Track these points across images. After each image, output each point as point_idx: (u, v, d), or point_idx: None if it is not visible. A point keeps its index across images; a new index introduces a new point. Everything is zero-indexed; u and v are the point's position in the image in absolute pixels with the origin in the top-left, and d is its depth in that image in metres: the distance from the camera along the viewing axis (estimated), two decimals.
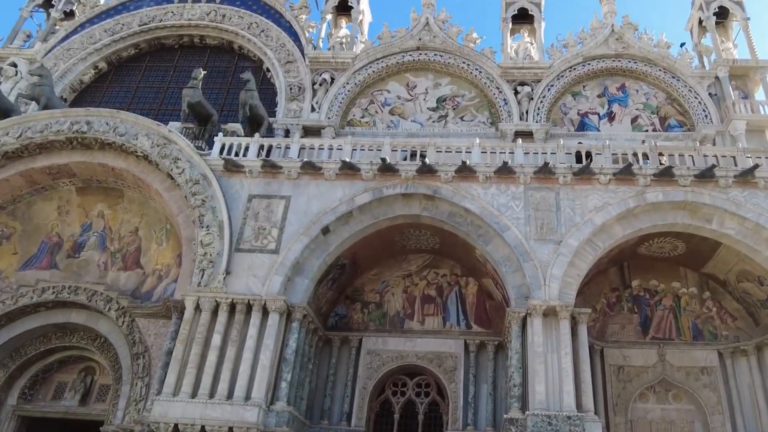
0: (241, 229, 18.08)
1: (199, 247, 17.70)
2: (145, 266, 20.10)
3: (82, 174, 20.81)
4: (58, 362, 19.92)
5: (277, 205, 18.43)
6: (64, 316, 19.39)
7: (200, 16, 26.70)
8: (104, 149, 20.35)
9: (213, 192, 18.50)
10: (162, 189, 19.57)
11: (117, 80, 26.79)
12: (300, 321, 17.13)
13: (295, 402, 16.60)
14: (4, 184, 20.57)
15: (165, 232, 20.30)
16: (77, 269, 20.20)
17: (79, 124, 20.23)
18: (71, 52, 26.24)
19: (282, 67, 24.74)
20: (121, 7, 27.43)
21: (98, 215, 21.01)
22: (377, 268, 20.35)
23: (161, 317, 18.23)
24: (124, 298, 19.01)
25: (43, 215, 21.02)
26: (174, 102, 25.04)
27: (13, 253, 20.61)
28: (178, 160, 19.22)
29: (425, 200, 18.36)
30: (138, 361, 17.64)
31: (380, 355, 18.87)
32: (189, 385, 15.76)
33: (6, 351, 19.30)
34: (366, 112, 24.06)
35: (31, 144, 20.27)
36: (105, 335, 18.88)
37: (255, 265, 17.42)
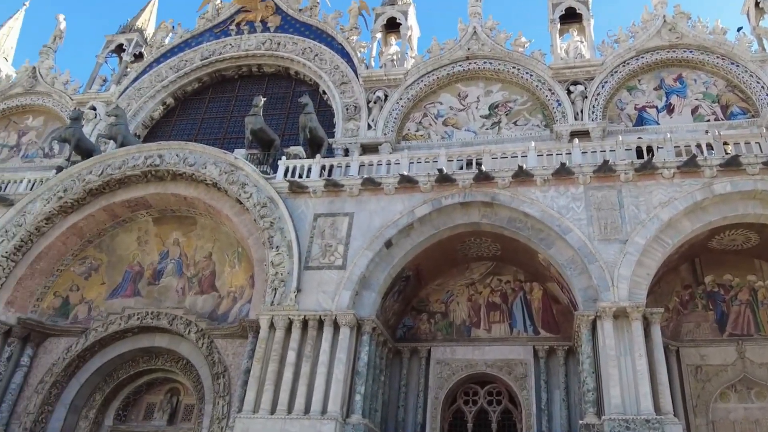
0: (309, 247, 18.19)
1: (270, 267, 17.90)
2: (220, 289, 20.46)
3: (158, 205, 21.41)
4: (146, 384, 20.52)
5: (341, 223, 18.47)
6: (149, 340, 19.96)
7: (256, 46, 27.14)
8: (176, 180, 20.90)
9: (280, 213, 18.71)
10: (232, 214, 19.92)
11: (184, 114, 27.53)
12: (370, 334, 17.03)
13: (369, 414, 16.46)
14: (90, 219, 21.38)
15: (237, 255, 20.60)
16: (158, 295, 20.77)
17: (152, 158, 20.88)
18: (141, 91, 27.16)
19: (337, 88, 24.84)
20: (183, 44, 28.24)
21: (174, 243, 21.55)
22: (441, 278, 20.03)
23: (238, 337, 18.50)
24: (202, 320, 19.41)
25: (125, 246, 21.72)
26: (237, 130, 25.50)
27: (101, 284, 21.40)
28: (245, 185, 19.54)
29: (484, 207, 17.98)
30: (218, 380, 17.91)
31: (449, 364, 18.51)
32: (268, 401, 15.89)
33: (101, 375, 20.03)
34: (420, 125, 23.81)
35: (111, 180, 21.03)
36: (187, 357, 19.30)
37: (324, 282, 17.46)
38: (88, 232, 21.50)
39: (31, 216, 20.70)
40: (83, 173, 21.19)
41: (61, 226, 21.12)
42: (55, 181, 21.22)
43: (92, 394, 19.89)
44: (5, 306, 20.00)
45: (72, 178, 21.19)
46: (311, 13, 27.72)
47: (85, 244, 21.58)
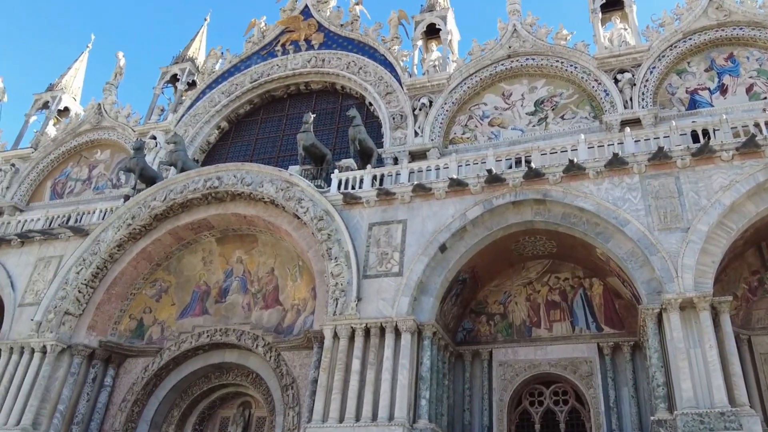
0: (366, 256, 18.10)
1: (330, 278, 17.90)
2: (283, 303, 20.57)
3: (219, 225, 21.72)
4: (219, 399, 20.85)
5: (395, 230, 18.31)
6: (219, 356, 20.24)
7: (302, 64, 27.32)
8: (235, 200, 21.18)
9: (336, 225, 18.70)
10: (290, 229, 20.03)
11: (238, 136, 27.95)
12: (431, 338, 16.78)
13: (435, 419, 16.19)
14: (157, 243, 21.90)
15: (298, 268, 20.70)
16: (225, 312, 21.05)
17: (211, 181, 21.23)
18: (197, 117, 27.72)
19: (383, 98, 24.71)
20: (233, 69, 28.70)
21: (237, 261, 21.81)
22: (497, 280, 19.57)
23: (303, 348, 18.56)
24: (268, 334, 19.57)
25: (192, 267, 22.13)
26: (290, 148, 25.73)
27: (171, 304, 21.86)
28: (301, 201, 19.62)
29: (536, 205, 17.45)
30: (287, 392, 17.97)
31: (512, 365, 18.05)
32: (336, 410, 15.85)
33: (177, 392, 20.46)
34: (466, 128, 23.37)
35: (174, 204, 21.49)
36: (256, 371, 19.48)
37: (382, 289, 17.34)
38: (156, 255, 22.02)
39: (105, 244, 21.35)
40: (148, 200, 21.74)
41: (132, 251, 21.70)
42: (124, 210, 21.83)
43: (170, 411, 20.36)
44: (87, 330, 20.68)
45: (138, 206, 21.76)
46: (352, 27, 27.72)
47: (154, 267, 22.12)
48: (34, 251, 22.63)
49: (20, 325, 20.83)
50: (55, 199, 27.97)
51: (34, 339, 20.02)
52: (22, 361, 19.90)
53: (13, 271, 22.42)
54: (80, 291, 20.84)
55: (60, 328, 20.19)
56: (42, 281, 21.69)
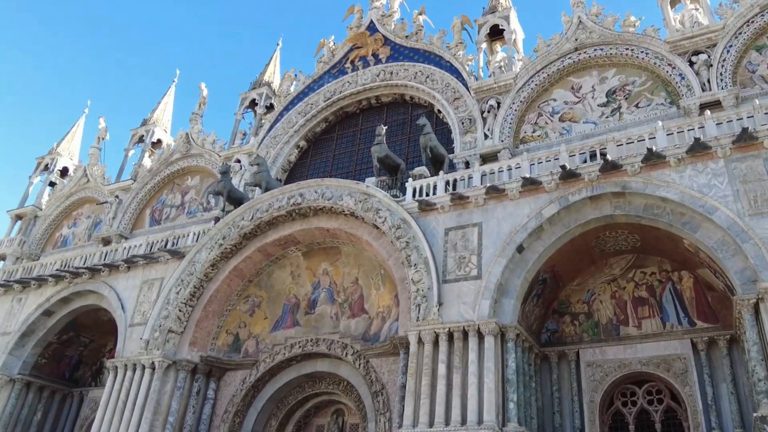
0: (444, 261, 17.88)
1: (411, 284, 17.80)
2: (369, 311, 20.66)
3: (304, 240, 22.07)
4: (314, 408, 21.15)
5: (471, 233, 17.98)
6: (311, 366, 20.56)
7: (372, 79, 27.43)
8: (317, 214, 21.48)
9: (414, 233, 18.59)
10: (370, 239, 20.11)
11: (316, 153, 28.40)
12: (514, 341, 16.31)
13: (525, 422, 15.69)
14: (248, 261, 22.50)
15: (380, 277, 20.72)
16: (315, 323, 21.36)
17: (294, 198, 21.63)
18: (276, 138, 28.41)
19: (451, 104, 24.38)
20: (307, 89, 29.22)
21: (323, 273, 22.09)
22: (579, 278, 18.78)
23: (390, 355, 18.53)
24: (356, 342, 19.69)
25: (281, 281, 22.60)
26: (365, 160, 25.85)
27: (264, 318, 22.41)
28: (379, 211, 19.65)
29: (615, 198, 16.61)
30: (377, 398, 17.97)
31: (601, 366, 17.23)
32: (425, 415, 15.68)
33: (273, 402, 20.94)
34: (536, 126, 22.61)
35: (261, 222, 22.02)
36: (347, 378, 19.62)
37: (463, 293, 17.04)
38: (247, 272, 22.63)
39: (200, 264, 22.18)
40: (237, 220, 22.39)
41: (225, 270, 22.39)
42: (215, 231, 22.60)
43: (269, 421, 20.85)
44: (189, 347, 21.55)
45: (228, 226, 22.46)
46: (417, 37, 27.58)
47: (246, 283, 22.74)
48: (139, 275, 23.85)
49: (131, 344, 21.98)
50: (154, 225, 29.41)
51: (143, 356, 21.05)
52: (135, 377, 20.97)
53: (123, 294, 23.72)
54: (180, 310, 21.72)
55: (165, 346, 21.12)
56: (147, 302, 22.80)
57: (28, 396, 24.89)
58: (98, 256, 25.31)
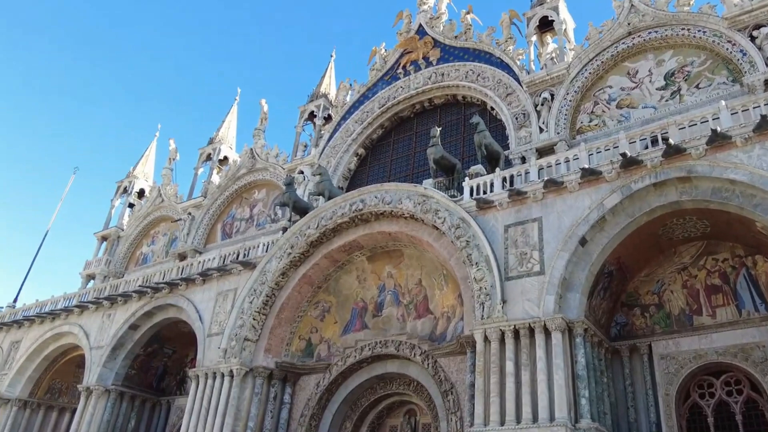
0: (505, 258, 17.53)
1: (474, 283, 17.55)
2: (434, 311, 20.54)
3: (368, 244, 22.16)
4: (386, 409, 21.19)
5: (531, 229, 17.55)
6: (381, 367, 20.61)
7: (424, 82, 27.33)
8: (379, 219, 21.50)
9: (473, 231, 18.33)
10: (431, 240, 19.98)
11: (374, 159, 28.56)
12: (582, 336, 15.76)
13: (598, 418, 15.13)
14: (316, 268, 22.79)
15: (443, 277, 20.57)
16: (383, 325, 21.43)
17: (355, 204, 21.75)
18: (336, 148, 28.76)
19: (503, 101, 23.94)
20: (362, 98, 29.44)
21: (388, 276, 22.12)
22: (647, 268, 17.94)
23: (457, 354, 18.34)
24: (424, 342, 19.59)
25: (348, 286, 22.78)
26: (422, 163, 25.78)
27: (334, 323, 22.67)
28: (438, 212, 19.50)
29: (680, 183, 15.79)
30: (447, 397, 17.82)
31: (675, 358, 16.39)
32: (496, 413, 15.40)
33: (347, 405, 21.12)
34: (593, 115, 21.84)
35: (326, 230, 22.24)
36: (416, 379, 19.55)
37: (526, 290, 16.65)
38: (316, 279, 22.93)
39: (270, 274, 22.65)
40: (303, 229, 22.74)
41: (294, 278, 22.74)
42: (283, 241, 23.04)
43: (343, 423, 21.05)
44: (264, 353, 22.03)
45: (295, 235, 22.84)
46: (466, 36, 27.27)
47: (315, 290, 23.04)
48: (214, 287, 24.63)
49: (210, 353, 22.71)
50: (226, 239, 30.36)
51: (222, 365, 21.70)
52: (215, 384, 21.65)
53: (200, 306, 24.55)
54: (254, 318, 22.23)
55: (242, 353, 21.68)
56: (223, 313, 23.49)
57: (122, 405, 26.19)
58: (175, 271, 26.31)
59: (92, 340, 27.35)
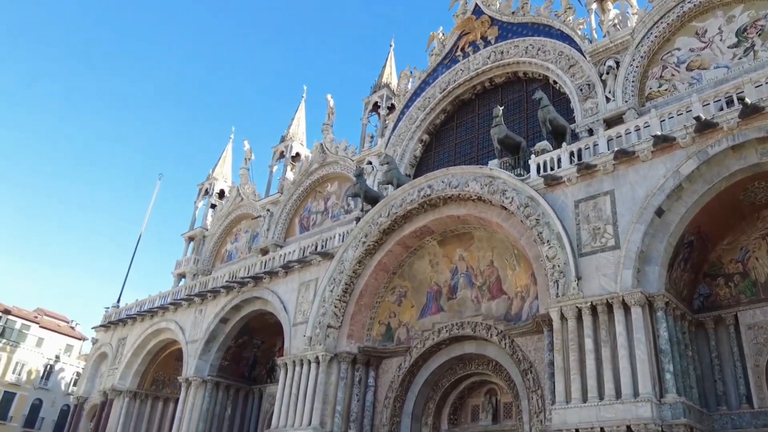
0: (578, 234, 16.96)
1: (546, 261, 17.11)
2: (507, 291, 20.19)
3: (437, 228, 22.00)
4: (467, 389, 21.09)
5: (603, 203, 16.87)
6: (459, 348, 20.51)
7: (483, 62, 26.65)
8: (447, 203, 21.32)
9: (542, 209, 17.84)
10: (500, 220, 19.62)
11: (439, 144, 28.23)
12: (663, 309, 15.02)
13: (684, 392, 14.41)
14: (389, 255, 22.89)
15: (514, 257, 20.16)
16: (458, 308, 21.28)
17: (423, 190, 21.66)
18: (401, 136, 28.65)
19: (566, 73, 22.95)
20: (423, 84, 29.11)
21: (459, 259, 21.92)
22: (729, 236, 16.78)
23: (534, 333, 17.99)
24: (499, 323, 19.34)
25: (422, 271, 22.76)
26: (486, 144, 25.25)
27: (411, 307, 22.73)
28: (505, 192, 19.12)
29: (760, 144, 14.72)
30: (527, 376, 17.52)
31: (763, 327, 15.34)
32: (578, 390, 15.02)
33: (429, 386, 21.21)
34: (662, 79, 20.52)
35: (397, 217, 22.29)
36: (494, 359, 19.33)
37: (601, 265, 16.04)
38: (390, 265, 23.03)
39: (347, 262, 22.97)
40: (375, 218, 22.89)
41: (370, 265, 22.95)
42: (357, 230, 23.29)
43: (426, 403, 21.16)
44: (347, 339, 22.45)
45: (368, 224, 23.03)
46: (523, 11, 26.31)
47: (391, 276, 23.15)
48: (296, 278, 25.29)
49: (297, 341, 23.39)
50: (304, 232, 31.02)
51: (308, 352, 22.28)
52: (303, 371, 22.29)
53: (284, 297, 25.30)
54: (336, 306, 22.66)
55: (326, 340, 22.17)
56: (306, 302, 24.11)
57: (218, 394, 27.48)
58: (259, 266, 27.21)
59: (187, 335, 28.82)
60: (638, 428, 13.57)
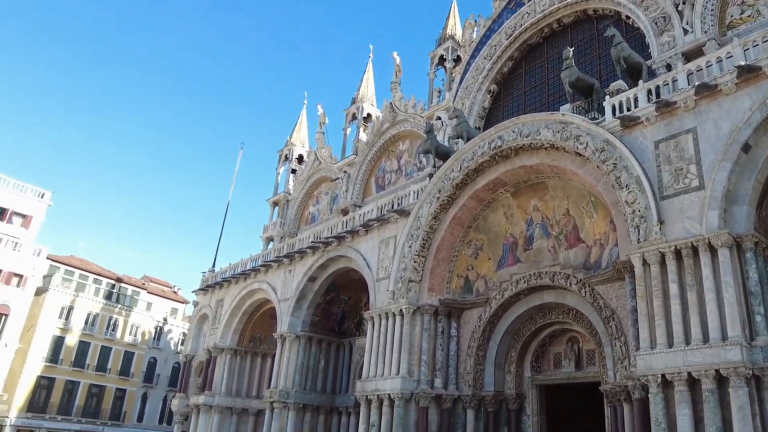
0: (658, 176, 16.09)
1: (626, 206, 16.43)
2: (585, 240, 19.62)
3: (510, 180, 21.58)
4: (548, 337, 20.94)
5: (684, 142, 15.85)
6: (538, 298, 20.31)
7: (550, 2, 25.23)
8: (518, 153, 20.79)
9: (619, 152, 17.02)
10: (574, 167, 18.96)
11: (507, 94, 27.33)
12: (752, 250, 14.15)
13: None
14: (463, 209, 22.74)
15: (591, 204, 19.47)
16: (534, 258, 20.96)
17: (493, 142, 21.20)
18: (468, 88, 27.95)
19: (639, 7, 21.32)
20: (488, 32, 28.06)
21: (534, 209, 21.44)
22: None
23: (615, 280, 17.48)
24: (578, 271, 18.90)
25: (496, 223, 22.51)
26: (557, 89, 24.18)
27: (488, 259, 22.63)
28: (579, 137, 18.36)
29: None
30: (609, 324, 17.14)
31: None
32: (662, 336, 14.57)
33: (510, 335, 21.25)
34: (744, 5, 18.64)
35: (469, 171, 22.01)
36: (575, 307, 19.02)
37: (685, 207, 15.21)
38: (465, 219, 22.89)
39: (423, 218, 23.04)
40: (447, 173, 22.71)
41: (445, 220, 22.91)
42: (431, 187, 23.23)
43: (508, 352, 21.24)
44: (428, 293, 22.74)
45: (441, 180, 22.90)
46: None
47: (466, 230, 23.04)
48: (375, 236, 25.73)
49: (381, 296, 23.97)
50: (380, 191, 31.32)
51: (392, 305, 22.78)
52: (388, 324, 22.85)
53: (366, 254, 25.87)
54: (415, 261, 22.88)
55: (408, 294, 22.54)
56: (387, 258, 24.54)
57: (311, 348, 28.84)
58: (341, 226, 27.88)
59: (279, 294, 30.23)
60: (727, 372, 13.05)
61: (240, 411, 32.39)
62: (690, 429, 13.47)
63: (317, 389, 28.53)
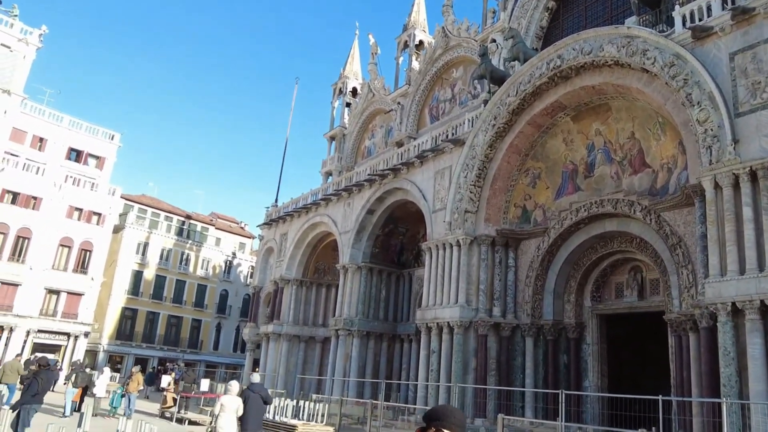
0: (734, 92, 14.70)
1: (697, 125, 15.19)
2: (651, 164, 18.40)
3: (570, 103, 20.35)
4: (609, 266, 20.20)
5: (763, 52, 14.34)
6: (600, 227, 19.48)
7: None
8: (580, 73, 19.47)
9: (691, 67, 15.59)
10: (641, 85, 17.57)
11: (566, 10, 25.39)
12: None
13: None
14: (520, 136, 21.77)
15: (658, 125, 18.12)
16: (596, 185, 19.97)
17: (552, 61, 19.91)
18: (524, 7, 26.16)
19: None
20: None
21: (596, 134, 20.24)
22: None
23: (683, 206, 16.45)
24: (643, 198, 17.89)
25: (555, 150, 21.49)
26: (620, 2, 22.24)
27: (546, 188, 21.79)
28: (646, 52, 16.89)
29: None
30: (676, 251, 16.25)
31: None
32: (734, 263, 13.75)
33: (569, 264, 20.65)
34: None
35: (525, 95, 20.90)
36: (639, 235, 18.13)
37: (762, 124, 13.96)
38: (522, 147, 21.98)
39: (479, 147, 22.30)
40: (503, 98, 21.66)
41: (501, 148, 22.08)
42: (486, 113, 22.30)
43: (567, 281, 20.72)
44: (485, 223, 22.30)
45: (496, 106, 21.91)
46: None
47: (523, 158, 22.17)
48: (430, 167, 25.26)
49: (437, 227, 23.75)
50: (434, 121, 30.47)
51: (449, 236, 22.54)
52: (446, 254, 22.69)
53: (422, 185, 25.53)
54: (471, 191, 22.35)
55: (465, 225, 22.18)
56: (443, 189, 24.13)
57: (372, 278, 29.31)
58: (396, 158, 27.52)
59: (339, 227, 30.59)
60: None
61: (307, 339, 33.77)
62: (761, 358, 12.85)
63: (379, 318, 29.20)
